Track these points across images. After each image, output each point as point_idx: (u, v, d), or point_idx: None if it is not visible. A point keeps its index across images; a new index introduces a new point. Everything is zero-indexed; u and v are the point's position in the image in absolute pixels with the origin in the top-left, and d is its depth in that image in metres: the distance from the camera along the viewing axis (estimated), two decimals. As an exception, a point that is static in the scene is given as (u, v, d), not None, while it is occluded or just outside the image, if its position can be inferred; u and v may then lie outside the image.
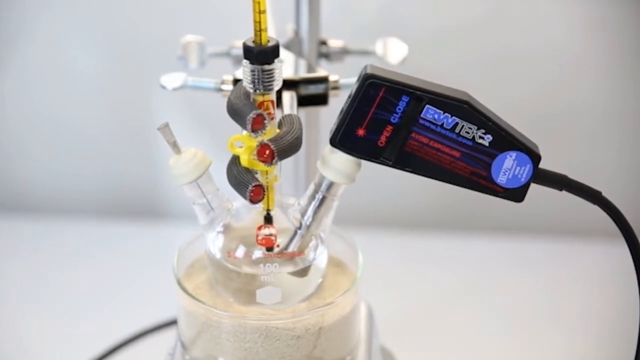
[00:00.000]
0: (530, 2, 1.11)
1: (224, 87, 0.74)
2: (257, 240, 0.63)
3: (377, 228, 1.19)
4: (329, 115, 0.65)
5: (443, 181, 0.60)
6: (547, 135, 1.08)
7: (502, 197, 0.60)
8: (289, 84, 0.73)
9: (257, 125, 0.58)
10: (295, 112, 0.71)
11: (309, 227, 0.63)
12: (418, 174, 0.60)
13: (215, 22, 1.11)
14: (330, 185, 0.62)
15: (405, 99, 0.58)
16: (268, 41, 0.58)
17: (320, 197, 0.62)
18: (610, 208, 0.61)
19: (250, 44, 0.58)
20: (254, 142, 0.59)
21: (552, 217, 1.19)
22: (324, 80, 0.74)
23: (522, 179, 0.60)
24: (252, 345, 0.64)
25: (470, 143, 0.58)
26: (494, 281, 1.10)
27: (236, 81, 0.74)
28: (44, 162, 1.23)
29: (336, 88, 0.75)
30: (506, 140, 0.58)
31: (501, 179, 0.59)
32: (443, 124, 0.58)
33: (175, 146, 0.61)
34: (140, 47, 1.15)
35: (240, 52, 0.76)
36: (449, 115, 0.58)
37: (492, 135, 0.58)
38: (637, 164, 1.17)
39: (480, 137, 0.58)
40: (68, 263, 1.13)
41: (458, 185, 0.60)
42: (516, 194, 0.60)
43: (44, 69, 1.18)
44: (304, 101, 0.74)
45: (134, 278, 1.10)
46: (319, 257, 0.65)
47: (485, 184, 0.60)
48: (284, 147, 0.59)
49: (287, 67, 0.76)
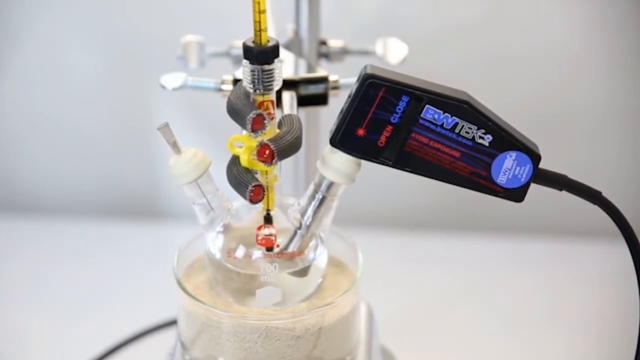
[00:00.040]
0: (530, 2, 1.11)
1: (224, 87, 0.74)
2: (257, 240, 0.63)
3: (377, 228, 1.19)
4: (329, 115, 0.65)
5: (443, 181, 0.60)
6: (547, 135, 1.08)
7: (502, 197, 0.60)
8: (288, 84, 0.73)
9: (257, 125, 0.58)
10: (295, 112, 0.70)
11: (308, 227, 0.63)
12: (418, 174, 0.60)
13: (215, 22, 1.11)
14: (330, 185, 0.62)
15: (405, 99, 0.58)
16: (268, 41, 0.58)
17: (320, 197, 0.62)
18: (610, 208, 0.61)
19: (250, 44, 0.58)
20: (253, 142, 0.59)
21: (552, 217, 1.19)
22: (323, 80, 0.74)
23: (522, 179, 0.59)
24: (252, 346, 0.64)
25: (470, 143, 0.58)
26: (494, 281, 1.10)
27: (236, 81, 0.74)
28: (43, 162, 1.23)
29: (336, 88, 0.75)
30: (506, 140, 0.58)
31: (501, 179, 0.59)
32: (443, 124, 0.58)
33: (175, 146, 0.61)
34: (140, 47, 1.15)
35: (240, 52, 0.76)
36: (448, 115, 0.58)
37: (492, 135, 0.58)
38: (637, 164, 1.17)
39: (480, 137, 0.58)
40: (68, 263, 1.13)
41: (458, 185, 0.60)
42: (516, 194, 0.60)
43: (44, 69, 1.18)
44: (304, 101, 0.74)
45: (134, 278, 1.10)
46: (319, 257, 0.65)
47: (485, 184, 0.60)
48: (284, 147, 0.59)
49: (287, 67, 0.76)
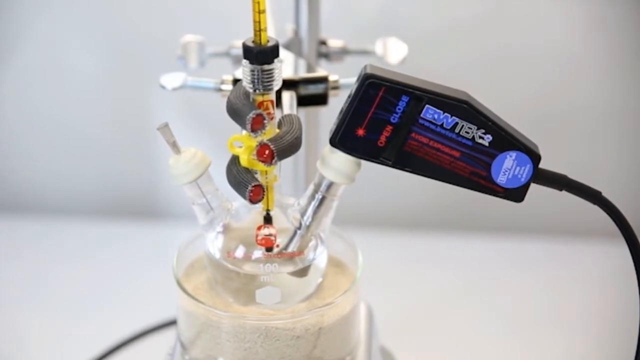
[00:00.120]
0: (530, 2, 1.11)
1: (224, 87, 0.74)
2: (256, 240, 0.63)
3: (377, 228, 1.19)
4: (329, 115, 0.65)
5: (443, 181, 0.60)
6: (547, 135, 1.08)
7: (502, 197, 0.60)
8: (288, 84, 0.73)
9: (256, 125, 0.58)
10: (294, 112, 0.70)
11: (308, 227, 0.63)
12: (418, 174, 0.60)
13: (214, 22, 1.11)
14: (330, 185, 0.62)
15: (405, 98, 0.58)
16: (268, 41, 0.58)
17: (320, 197, 0.62)
18: (610, 208, 0.61)
19: (250, 44, 0.58)
20: (253, 142, 0.59)
21: (552, 217, 1.19)
22: (323, 80, 0.74)
23: (522, 179, 0.59)
24: (252, 346, 0.64)
25: (470, 143, 0.58)
26: (494, 281, 1.10)
27: (236, 81, 0.74)
28: (43, 162, 1.23)
29: (336, 88, 0.75)
30: (506, 140, 0.58)
31: (501, 179, 0.59)
32: (443, 123, 0.58)
33: (174, 146, 0.61)
34: (139, 47, 1.15)
35: (239, 52, 0.75)
36: (448, 115, 0.58)
37: (492, 135, 0.58)
38: (637, 164, 1.17)
39: (480, 137, 0.58)
40: (68, 263, 1.13)
41: (458, 185, 0.60)
42: (516, 194, 0.60)
43: (44, 69, 1.18)
44: (304, 101, 0.74)
45: (133, 278, 1.10)
46: (319, 257, 0.65)
47: (485, 184, 0.60)
48: (284, 147, 0.59)
49: (286, 67, 0.76)
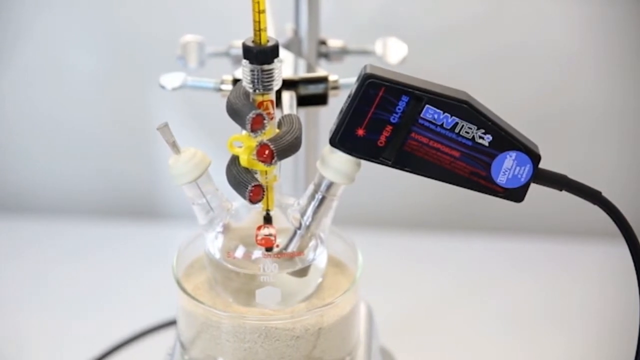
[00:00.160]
0: (530, 2, 1.11)
1: (224, 87, 0.74)
2: (256, 240, 0.63)
3: (376, 228, 1.19)
4: (329, 115, 0.65)
5: (443, 181, 0.60)
6: (547, 135, 1.08)
7: (501, 197, 0.60)
8: (288, 84, 0.73)
9: (256, 125, 0.58)
10: (294, 112, 0.70)
11: (308, 227, 0.63)
12: (418, 174, 0.60)
13: (214, 22, 1.11)
14: (330, 185, 0.62)
15: (405, 98, 0.58)
16: (267, 41, 0.58)
17: (320, 197, 0.62)
18: (610, 208, 0.61)
19: (250, 44, 0.58)
20: (253, 142, 0.59)
21: (552, 217, 1.19)
22: (323, 80, 0.74)
23: (522, 179, 0.59)
24: (252, 346, 0.64)
25: (470, 143, 0.58)
26: (494, 281, 1.10)
27: (235, 81, 0.74)
28: (43, 162, 1.23)
29: (336, 88, 0.75)
30: (506, 140, 0.58)
31: (501, 179, 0.59)
32: (443, 123, 0.58)
33: (174, 146, 0.61)
34: (139, 47, 1.15)
35: (239, 51, 0.76)
36: (448, 115, 0.58)
37: (491, 135, 0.58)
38: (637, 164, 1.17)
39: (480, 137, 0.58)
40: (68, 263, 1.13)
41: (458, 185, 0.60)
42: (516, 194, 0.60)
43: (44, 69, 1.18)
44: (304, 101, 0.74)
45: (133, 278, 1.10)
46: (319, 257, 0.65)
47: (485, 184, 0.60)
48: (284, 147, 0.59)
49: (286, 67, 0.76)
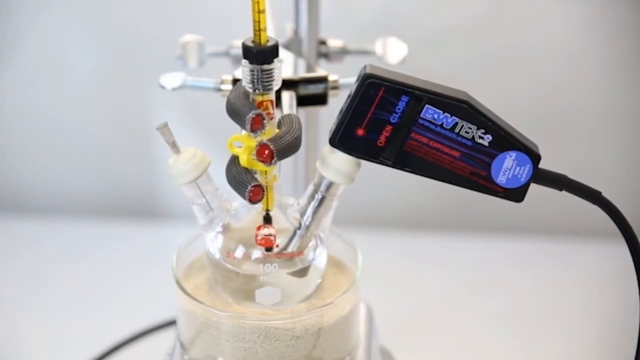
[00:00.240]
0: (530, 2, 1.11)
1: (223, 86, 0.74)
2: (256, 240, 0.63)
3: (376, 228, 1.19)
4: (329, 115, 0.65)
5: (443, 181, 0.60)
6: (547, 135, 1.08)
7: (501, 197, 0.60)
8: (288, 84, 0.73)
9: (256, 125, 0.58)
10: (294, 112, 0.70)
11: (308, 227, 0.63)
12: (417, 174, 0.60)
13: (214, 22, 1.11)
14: (330, 185, 0.62)
15: (405, 98, 0.57)
16: (267, 41, 0.58)
17: (320, 197, 0.62)
18: (610, 208, 0.61)
19: (250, 44, 0.58)
20: (253, 142, 0.59)
21: (552, 217, 1.19)
22: (323, 80, 0.74)
23: (522, 179, 0.59)
24: (252, 346, 0.64)
25: (469, 143, 0.58)
26: (494, 281, 1.10)
27: (235, 81, 0.74)
28: (43, 162, 1.23)
29: (335, 88, 0.75)
30: (506, 140, 0.58)
31: (501, 179, 0.59)
32: (443, 123, 0.58)
33: (174, 146, 0.61)
34: (139, 47, 1.15)
35: (239, 51, 0.76)
36: (448, 115, 0.58)
37: (491, 135, 0.58)
38: (637, 164, 1.17)
39: (480, 137, 0.58)
40: (68, 263, 1.13)
41: (458, 185, 0.60)
42: (516, 194, 0.60)
43: (44, 69, 1.18)
44: (304, 101, 0.74)
45: (133, 278, 1.10)
46: (319, 257, 0.65)
47: (484, 184, 0.60)
48: (283, 147, 0.59)
49: (286, 66, 0.76)
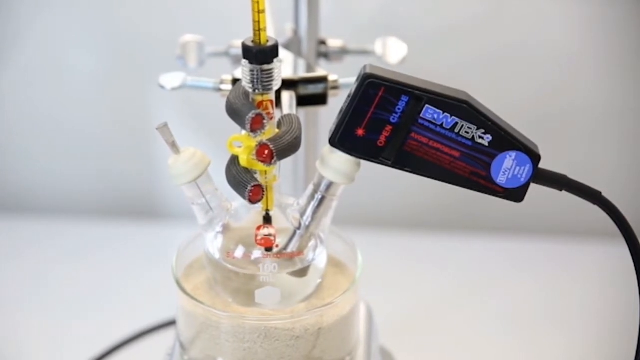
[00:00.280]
0: (530, 2, 1.11)
1: (223, 86, 0.74)
2: (256, 240, 0.63)
3: (376, 228, 1.19)
4: (328, 115, 0.65)
5: (443, 181, 0.60)
6: (547, 135, 1.08)
7: (501, 197, 0.60)
8: (288, 84, 0.73)
9: (256, 125, 0.58)
10: (294, 111, 0.70)
11: (308, 227, 0.63)
12: (417, 174, 0.60)
13: (214, 22, 1.11)
14: (330, 185, 0.62)
15: (405, 98, 0.57)
16: (267, 41, 0.58)
17: (320, 197, 0.62)
18: (610, 208, 0.61)
19: (249, 44, 0.58)
20: (253, 142, 0.59)
21: (552, 217, 1.19)
22: (323, 80, 0.74)
23: (522, 179, 0.59)
24: (251, 346, 0.64)
25: (469, 143, 0.58)
26: (494, 281, 1.10)
27: (235, 81, 0.74)
28: (43, 162, 1.23)
29: (335, 88, 0.75)
30: (506, 140, 0.58)
31: (501, 179, 0.59)
32: (442, 123, 0.58)
33: (174, 146, 0.61)
34: (139, 46, 1.15)
35: (239, 51, 0.76)
36: (448, 115, 0.58)
37: (491, 135, 0.58)
38: (637, 164, 1.17)
39: (480, 137, 0.58)
40: (68, 263, 1.13)
41: (458, 185, 0.60)
42: (516, 194, 0.60)
43: (44, 69, 1.18)
44: (303, 101, 0.74)
45: (133, 278, 1.10)
46: (318, 257, 0.65)
47: (484, 184, 0.59)
48: (283, 147, 0.59)
49: (286, 66, 0.76)
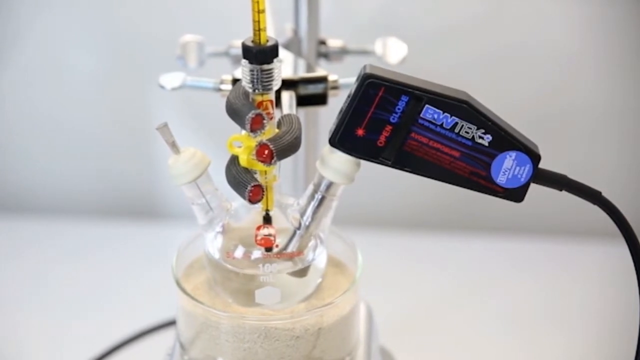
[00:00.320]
0: (530, 2, 1.11)
1: (223, 86, 0.74)
2: (256, 240, 0.63)
3: (376, 228, 1.19)
4: (328, 115, 0.65)
5: (442, 181, 0.60)
6: (547, 135, 1.08)
7: (501, 197, 0.60)
8: (288, 84, 0.73)
9: (256, 125, 0.58)
10: (294, 111, 0.70)
11: (308, 227, 0.63)
12: (417, 174, 0.60)
13: (214, 22, 1.11)
14: (330, 185, 0.62)
15: (405, 98, 0.57)
16: (267, 41, 0.58)
17: (320, 197, 0.62)
18: (610, 208, 0.61)
19: (249, 44, 0.58)
20: (253, 142, 0.59)
21: (552, 217, 1.19)
22: (323, 80, 0.74)
23: (522, 179, 0.59)
24: (251, 346, 0.64)
25: (469, 143, 0.58)
26: (494, 281, 1.10)
27: (235, 81, 0.74)
28: (43, 162, 1.23)
29: (335, 88, 0.75)
30: (506, 140, 0.58)
31: (501, 179, 0.59)
32: (442, 123, 0.58)
33: (174, 146, 0.61)
34: (139, 46, 1.15)
35: (239, 51, 0.75)
36: (448, 115, 0.58)
37: (491, 135, 0.58)
38: (637, 164, 1.17)
39: (480, 137, 0.58)
40: (68, 263, 1.13)
41: (457, 185, 0.60)
42: (516, 194, 0.60)
43: (44, 69, 1.18)
44: (303, 101, 0.74)
45: (133, 278, 1.10)
46: (318, 257, 0.65)
47: (484, 184, 0.59)
48: (283, 147, 0.59)
49: (286, 66, 0.76)
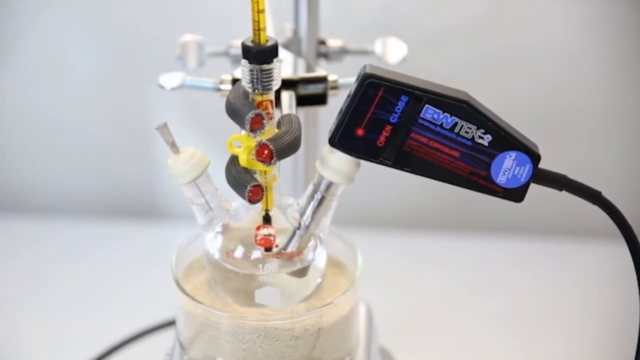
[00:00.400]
0: (530, 2, 1.11)
1: (223, 86, 0.74)
2: (255, 240, 0.63)
3: (376, 228, 1.19)
4: (328, 115, 0.65)
5: (442, 181, 0.60)
6: (547, 135, 1.08)
7: (501, 197, 0.60)
8: (287, 84, 0.73)
9: (255, 125, 0.58)
10: (294, 111, 0.70)
11: (307, 227, 0.63)
12: (417, 174, 0.60)
13: (213, 22, 1.11)
14: (329, 185, 0.62)
15: (405, 98, 0.57)
16: (267, 41, 0.58)
17: (319, 197, 0.62)
18: (610, 208, 0.61)
19: (249, 44, 0.58)
20: (252, 142, 0.59)
21: (552, 217, 1.19)
22: (322, 80, 0.74)
23: (522, 179, 0.59)
24: (251, 346, 0.64)
25: (469, 143, 0.58)
26: (494, 281, 1.10)
27: (235, 81, 0.74)
28: (43, 162, 1.23)
29: (335, 88, 0.75)
30: (506, 140, 0.58)
31: (501, 179, 0.59)
32: (442, 123, 0.58)
33: (173, 146, 0.61)
34: (139, 46, 1.15)
35: (239, 51, 0.75)
36: (448, 115, 0.58)
37: (491, 135, 0.58)
38: (637, 164, 1.17)
39: (480, 137, 0.58)
40: (68, 263, 1.13)
41: (457, 185, 0.60)
42: (516, 194, 0.60)
43: (44, 69, 1.18)
44: (303, 101, 0.74)
45: (133, 278, 1.10)
46: (318, 257, 0.65)
47: (484, 184, 0.59)
48: (283, 147, 0.59)
49: (286, 66, 0.76)
